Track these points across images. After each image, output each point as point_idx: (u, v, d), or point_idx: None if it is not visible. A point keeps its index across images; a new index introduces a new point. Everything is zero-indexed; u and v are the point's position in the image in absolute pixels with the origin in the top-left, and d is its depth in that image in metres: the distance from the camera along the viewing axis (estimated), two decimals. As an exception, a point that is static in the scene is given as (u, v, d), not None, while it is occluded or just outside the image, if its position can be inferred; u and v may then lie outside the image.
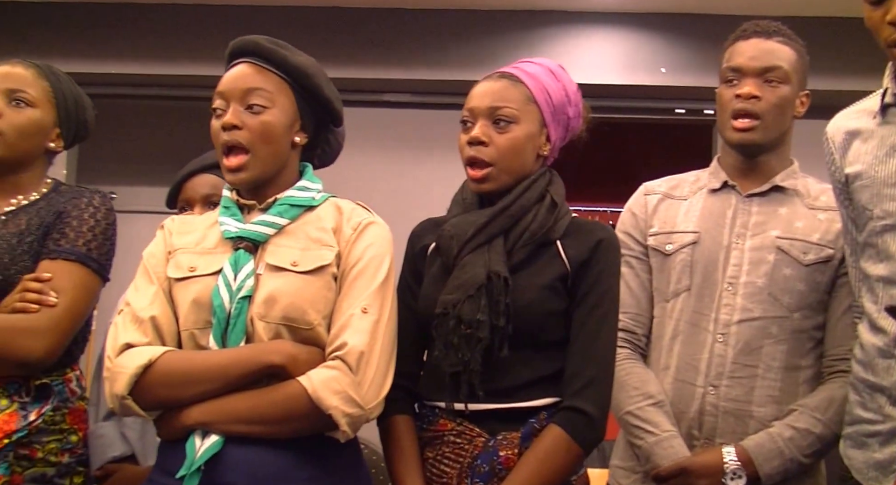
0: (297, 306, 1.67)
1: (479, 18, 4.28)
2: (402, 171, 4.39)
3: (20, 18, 4.23)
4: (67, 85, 2.06)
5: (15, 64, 2.01)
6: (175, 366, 1.64)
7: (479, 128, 1.84)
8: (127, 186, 4.75)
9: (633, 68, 4.34)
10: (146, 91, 4.41)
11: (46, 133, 2.01)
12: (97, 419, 2.17)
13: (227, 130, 1.72)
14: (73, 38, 4.23)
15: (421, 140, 4.40)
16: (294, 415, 1.62)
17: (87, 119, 2.11)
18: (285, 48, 1.79)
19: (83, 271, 1.89)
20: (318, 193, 1.82)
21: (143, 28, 4.25)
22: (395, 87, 4.37)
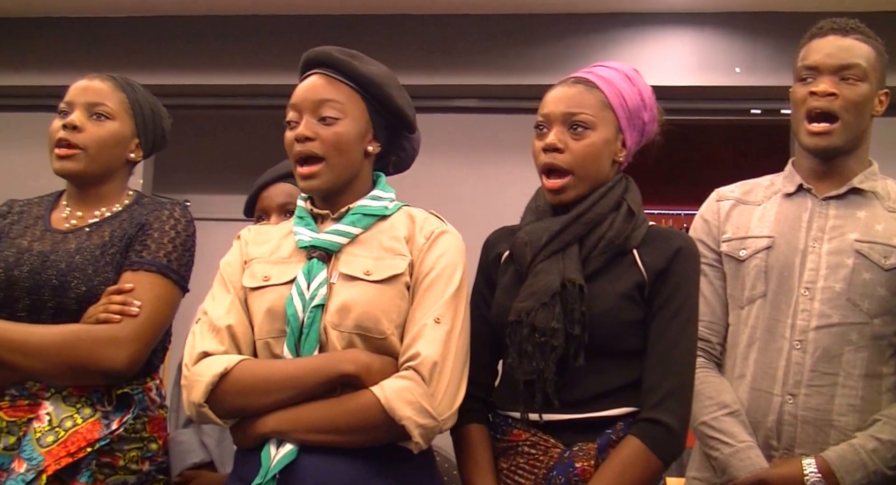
0: (370, 316, 1.67)
1: (547, 22, 4.25)
2: (472, 176, 4.38)
3: (97, 34, 4.33)
4: (144, 96, 2.09)
5: (93, 78, 2.05)
6: (250, 375, 1.65)
7: (555, 134, 1.82)
8: (200, 194, 4.83)
9: (707, 69, 4.26)
10: (219, 101, 4.48)
11: (126, 144, 2.04)
12: (177, 426, 2.20)
13: (300, 141, 1.73)
14: (149, 51, 4.32)
15: (491, 145, 4.38)
16: (367, 425, 1.62)
17: (164, 128, 2.14)
18: (356, 58, 1.80)
19: (164, 283, 1.92)
20: (390, 202, 1.82)
21: (216, 39, 4.31)
22: (464, 93, 4.36)
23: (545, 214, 1.86)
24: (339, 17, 4.25)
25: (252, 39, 4.28)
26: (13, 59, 4.37)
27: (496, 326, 1.82)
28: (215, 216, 4.38)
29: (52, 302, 1.89)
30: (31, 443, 1.82)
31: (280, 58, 4.10)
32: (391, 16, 4.27)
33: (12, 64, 4.38)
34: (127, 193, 2.08)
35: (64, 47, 4.33)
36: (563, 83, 1.88)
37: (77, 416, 1.86)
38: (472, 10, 4.22)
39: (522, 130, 1.92)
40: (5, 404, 1.89)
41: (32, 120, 4.22)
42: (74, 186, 2.04)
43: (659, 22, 4.26)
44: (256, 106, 4.41)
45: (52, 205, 2.07)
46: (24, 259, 1.92)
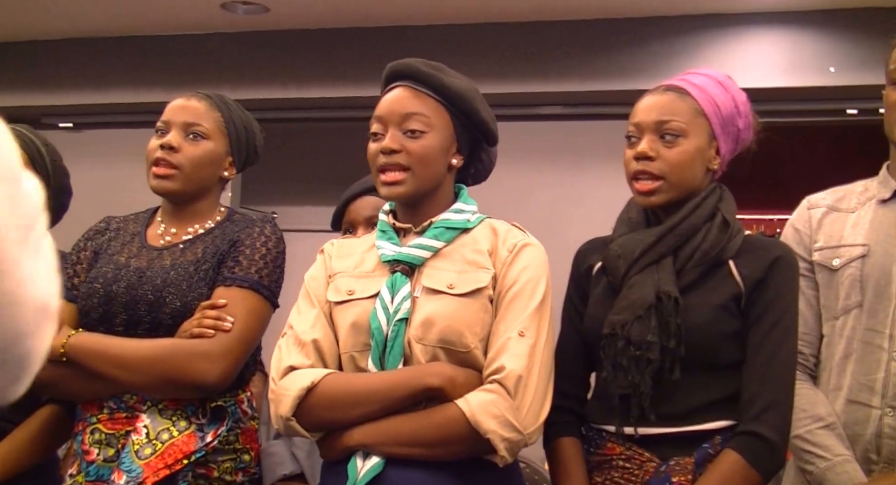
0: (453, 329, 1.66)
1: (632, 27, 4.20)
2: (556, 184, 4.34)
3: (190, 50, 4.44)
4: (238, 113, 2.12)
5: (189, 97, 2.08)
6: (336, 388, 1.66)
7: (646, 142, 1.79)
8: (287, 205, 4.90)
9: (800, 69, 4.15)
10: (305, 114, 4.54)
11: (220, 163, 2.08)
12: (268, 438, 2.22)
13: (386, 154, 1.73)
14: (237, 67, 4.40)
15: (576, 152, 4.35)
16: (453, 438, 1.62)
17: (257, 144, 2.17)
18: (441, 71, 1.79)
19: (255, 298, 1.94)
20: (472, 214, 1.81)
21: (303, 53, 4.37)
22: (549, 100, 4.34)
23: (638, 226, 1.83)
24: (421, 27, 4.27)
25: (337, 52, 4.33)
26: (111, 77, 4.51)
27: (589, 338, 1.80)
28: (302, 227, 4.43)
29: (147, 317, 1.93)
30: (129, 455, 1.85)
31: (364, 70, 4.13)
32: (473, 25, 4.27)
33: (110, 82, 4.52)
34: (219, 209, 2.11)
35: (158, 65, 4.44)
36: (654, 91, 1.85)
37: (173, 428, 1.89)
38: (555, 16, 4.20)
39: (608, 137, 1.90)
40: (104, 417, 1.93)
41: (129, 136, 4.36)
42: (170, 203, 2.08)
43: (747, 22, 4.16)
44: (341, 118, 4.46)
45: (148, 221, 2.11)
46: (122, 275, 1.97)
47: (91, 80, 4.52)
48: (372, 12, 4.13)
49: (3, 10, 4.19)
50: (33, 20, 4.31)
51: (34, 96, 4.57)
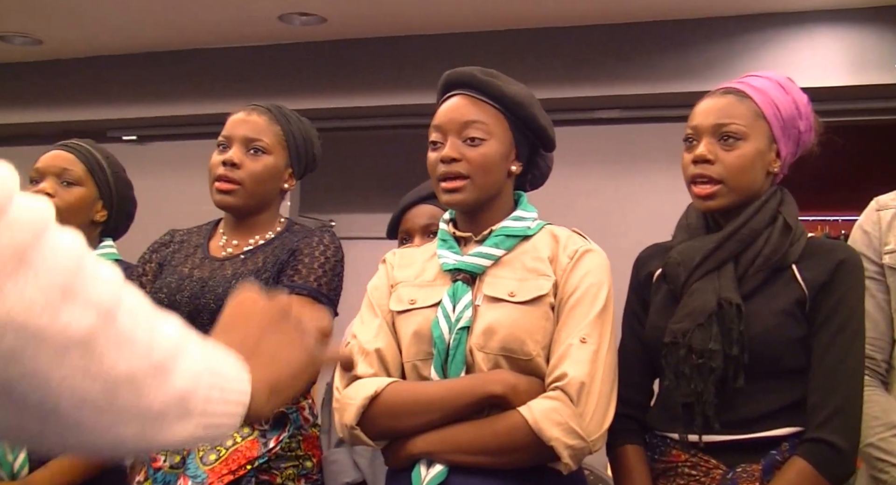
0: (515, 337, 1.66)
1: (690, 28, 4.15)
2: (616, 189, 4.31)
3: (247, 62, 4.50)
4: (297, 125, 2.14)
5: (249, 111, 2.10)
6: (400, 397, 1.67)
7: (705, 146, 1.77)
8: (345, 213, 4.94)
9: (862, 67, 4.06)
10: (361, 122, 4.57)
11: (281, 175, 2.10)
12: (329, 446, 2.23)
13: (446, 162, 1.73)
14: (294, 77, 4.45)
15: (634, 156, 4.31)
16: (516, 446, 1.61)
17: (315, 153, 2.19)
18: (499, 78, 1.79)
19: (315, 306, 1.96)
20: (533, 221, 1.80)
21: (356, 62, 4.41)
22: (606, 104, 4.30)
23: (698, 232, 1.81)
24: (475, 34, 4.28)
25: (393, 61, 4.36)
26: (172, 90, 4.59)
27: (650, 346, 1.78)
28: (360, 235, 4.46)
29: (210, 326, 1.94)
30: (195, 461, 1.88)
31: (420, 77, 4.15)
32: (528, 30, 4.26)
33: (172, 95, 4.60)
34: (279, 220, 2.14)
35: (219, 77, 4.51)
36: (713, 94, 1.83)
37: (237, 435, 1.91)
38: (611, 20, 4.17)
39: (667, 140, 1.88)
40: (170, 424, 1.96)
41: (192, 147, 4.44)
42: (232, 216, 2.11)
43: (808, 21, 4.09)
44: (398, 126, 4.48)
45: (210, 233, 2.15)
46: (185, 285, 2.00)
47: (154, 94, 4.60)
48: (427, 20, 4.15)
49: (69, 28, 4.29)
50: (98, 37, 4.40)
51: (100, 110, 4.67)
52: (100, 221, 2.30)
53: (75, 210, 2.21)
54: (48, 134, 2.43)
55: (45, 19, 4.20)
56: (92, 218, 2.28)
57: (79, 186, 2.23)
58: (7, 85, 4.79)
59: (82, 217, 2.25)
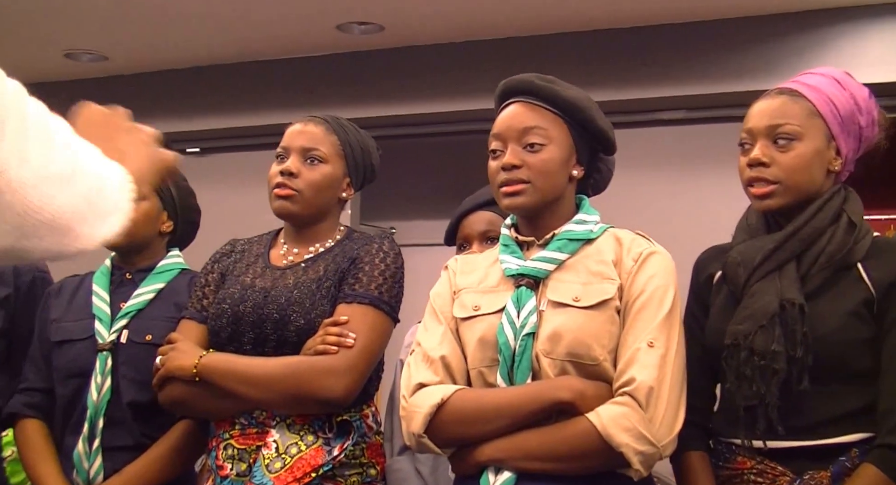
0: (581, 342, 1.65)
1: (751, 25, 4.08)
2: (680, 191, 4.25)
3: (306, 73, 4.54)
4: (354, 135, 2.15)
5: (307, 122, 2.12)
6: (466, 404, 1.66)
7: (759, 148, 1.74)
8: (406, 220, 4.95)
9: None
10: (422, 129, 4.58)
11: (339, 185, 2.11)
12: (392, 454, 2.24)
13: (507, 170, 1.73)
14: (352, 86, 4.48)
15: (699, 157, 4.24)
16: (585, 452, 1.60)
17: (374, 164, 2.20)
18: (556, 84, 1.78)
19: (376, 314, 1.97)
20: (595, 224, 1.79)
21: (415, 69, 4.42)
22: (669, 105, 4.25)
23: (758, 232, 1.78)
24: (533, 38, 4.26)
25: (451, 67, 4.36)
26: (233, 102, 4.65)
27: (712, 349, 1.76)
28: (421, 242, 4.47)
29: (273, 335, 1.98)
30: (261, 469, 1.90)
31: (479, 83, 4.14)
32: (586, 33, 4.23)
33: (232, 107, 4.66)
34: (339, 229, 2.15)
35: (278, 88, 4.56)
36: (766, 95, 1.80)
37: (301, 443, 1.93)
38: (671, 19, 4.12)
39: (730, 140, 1.85)
40: (236, 433, 1.98)
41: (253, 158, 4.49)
42: (291, 225, 2.13)
43: (870, 15, 3.99)
44: (458, 132, 4.48)
45: (271, 243, 2.17)
46: (248, 295, 2.03)
47: (215, 106, 4.67)
48: (485, 25, 4.15)
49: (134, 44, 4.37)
50: (162, 51, 4.48)
51: (163, 123, 4.69)
52: (166, 232, 2.34)
53: (142, 224, 2.25)
54: (114, 148, 2.48)
55: (111, 36, 4.29)
56: (158, 229, 2.32)
57: (143, 199, 2.26)
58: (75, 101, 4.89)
59: (149, 230, 2.29)
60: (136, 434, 2.15)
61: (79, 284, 2.34)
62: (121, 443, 2.14)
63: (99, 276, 2.31)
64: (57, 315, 2.28)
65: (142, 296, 2.24)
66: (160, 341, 2.09)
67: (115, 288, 2.29)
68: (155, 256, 2.33)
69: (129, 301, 2.24)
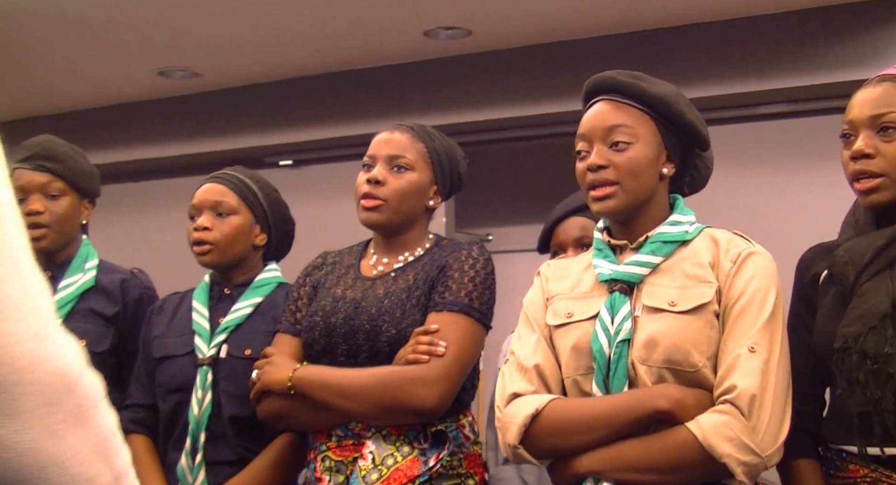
0: (679, 348, 1.60)
1: (854, 12, 3.92)
2: (782, 187, 4.10)
3: (399, 82, 4.56)
4: (440, 142, 2.15)
5: (392, 130, 2.13)
6: (561, 414, 1.64)
7: (862, 140, 1.66)
8: (501, 226, 4.92)
9: None
10: (512, 134, 4.55)
11: (426, 193, 2.11)
12: (497, 463, 2.22)
13: (593, 170, 1.69)
14: (445, 92, 4.47)
15: (804, 152, 4.09)
16: (686, 463, 1.55)
17: (461, 171, 2.19)
18: (642, 80, 1.74)
19: (467, 322, 1.95)
20: (690, 225, 1.73)
21: (504, 73, 4.39)
22: (770, 98, 4.12)
23: (866, 228, 1.70)
24: (623, 36, 4.18)
25: (541, 69, 4.32)
26: (324, 113, 4.70)
27: (820, 353, 1.68)
28: (518, 248, 4.43)
29: (365, 346, 1.98)
30: (357, 481, 1.90)
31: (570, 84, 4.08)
32: (679, 27, 4.13)
33: (323, 118, 4.71)
34: (427, 237, 2.15)
35: (367, 97, 4.59)
36: (868, 83, 1.72)
37: (397, 454, 1.92)
38: (768, 9, 3.99)
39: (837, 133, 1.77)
40: (333, 445, 1.99)
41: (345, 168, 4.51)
42: (380, 235, 2.13)
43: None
44: (549, 135, 4.44)
45: (361, 253, 2.17)
46: (339, 307, 2.03)
47: (306, 118, 4.72)
48: (574, 25, 4.09)
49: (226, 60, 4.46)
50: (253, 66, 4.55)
51: (256, 137, 4.83)
52: (260, 245, 2.36)
53: (233, 239, 2.27)
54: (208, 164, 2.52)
55: (203, 53, 4.38)
56: (252, 243, 2.34)
57: (234, 215, 2.29)
58: (168, 118, 5.02)
59: (242, 244, 2.31)
60: (237, 448, 2.17)
61: (180, 300, 2.38)
62: (223, 457, 2.16)
63: (198, 292, 2.35)
64: (159, 332, 2.32)
65: (240, 311, 2.27)
66: (259, 356, 2.11)
67: (214, 303, 2.32)
68: (252, 270, 2.35)
69: (228, 316, 2.27)
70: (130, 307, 2.45)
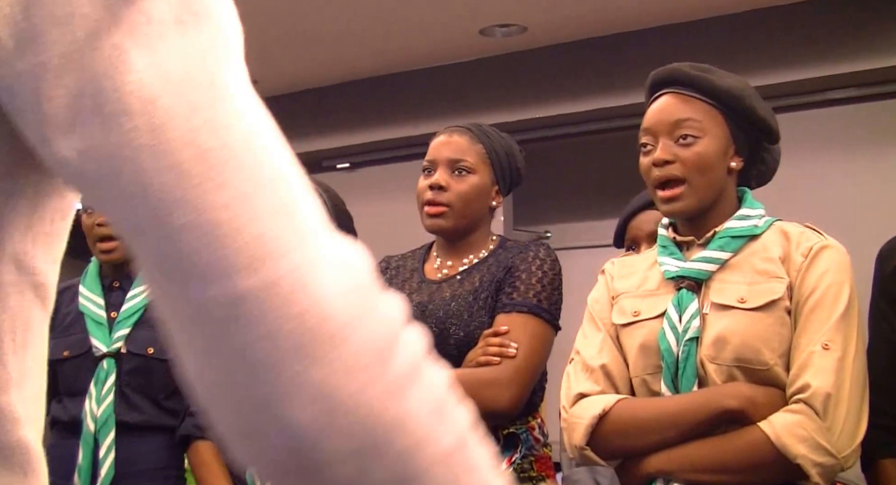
0: (749, 346, 1.56)
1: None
2: (852, 173, 3.99)
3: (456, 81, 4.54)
4: (498, 141, 2.13)
5: (451, 133, 2.11)
6: (629, 415, 1.61)
7: None
8: (561, 223, 4.87)
9: None
10: (569, 129, 4.51)
11: (488, 194, 2.09)
12: (571, 465, 2.20)
13: (658, 166, 1.66)
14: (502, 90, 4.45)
15: (874, 137, 3.97)
16: (758, 464, 1.52)
17: (520, 168, 2.17)
18: (710, 72, 1.70)
19: (536, 322, 1.93)
20: (760, 218, 1.69)
21: (561, 68, 4.35)
22: (838, 83, 4.00)
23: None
24: (683, 25, 4.10)
25: (596, 62, 4.27)
26: (380, 115, 4.71)
27: None
28: (578, 244, 4.39)
29: (434, 350, 1.95)
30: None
31: (628, 76, 4.03)
32: (741, 14, 4.03)
33: (380, 120, 4.71)
34: (491, 238, 2.13)
35: (423, 97, 4.58)
36: None
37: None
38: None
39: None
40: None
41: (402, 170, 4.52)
42: (444, 239, 2.12)
43: None
44: (607, 129, 4.39)
45: (425, 257, 2.16)
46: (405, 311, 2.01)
47: (363, 120, 4.73)
48: (632, 16, 4.03)
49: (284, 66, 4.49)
50: (308, 70, 4.59)
51: (315, 141, 4.84)
52: None
53: None
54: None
55: (261, 61, 4.41)
56: None
57: None
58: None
59: None
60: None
61: None
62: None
63: None
64: None
65: None
66: None
67: None
68: None
69: None
70: None
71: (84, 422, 2.31)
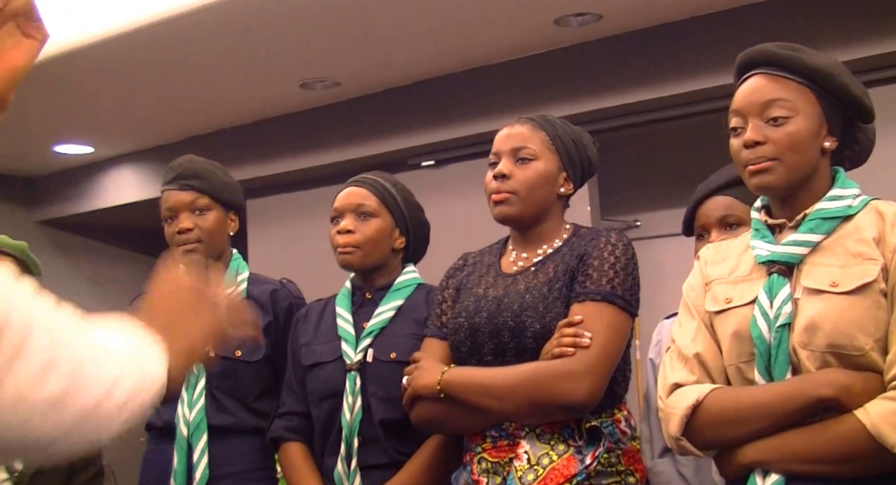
0: (842, 331, 1.50)
1: None
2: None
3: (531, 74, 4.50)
4: (563, 129, 2.10)
5: (513, 124, 2.11)
6: (722, 405, 1.58)
7: None
8: (649, 211, 4.79)
9: None
10: (651, 116, 4.41)
11: (555, 180, 2.06)
12: (653, 456, 2.16)
13: (749, 147, 1.62)
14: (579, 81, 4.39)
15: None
16: (855, 454, 1.47)
17: (590, 156, 2.13)
18: (800, 51, 1.65)
19: (612, 310, 1.89)
20: (854, 198, 1.63)
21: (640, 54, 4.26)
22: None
23: None
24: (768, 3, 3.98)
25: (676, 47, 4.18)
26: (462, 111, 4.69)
27: None
28: (668, 232, 4.30)
29: (511, 343, 1.94)
30: (514, 482, 1.87)
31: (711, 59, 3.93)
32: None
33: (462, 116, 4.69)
34: (565, 227, 2.10)
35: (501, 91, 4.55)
36: None
37: (552, 452, 1.88)
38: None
39: None
40: (488, 446, 1.96)
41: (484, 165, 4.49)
42: (516, 230, 2.10)
43: None
44: (689, 114, 4.28)
45: (501, 251, 2.14)
46: (482, 306, 2.01)
47: (444, 118, 4.72)
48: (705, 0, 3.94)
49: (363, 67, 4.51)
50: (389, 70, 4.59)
51: (399, 140, 4.86)
52: (399, 248, 2.36)
53: (376, 241, 2.29)
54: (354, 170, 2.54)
55: (342, 62, 4.44)
56: (392, 246, 2.34)
57: (375, 217, 2.31)
58: (311, 129, 5.12)
59: (384, 247, 2.31)
60: (390, 452, 2.18)
61: (323, 307, 2.40)
62: (376, 461, 2.18)
63: (341, 298, 2.37)
64: (306, 339, 2.35)
65: (383, 314, 2.28)
66: (405, 358, 2.12)
67: (356, 308, 2.33)
68: (391, 273, 2.35)
69: (371, 320, 2.27)
70: (281, 317, 2.49)
71: (177, 426, 2.36)
